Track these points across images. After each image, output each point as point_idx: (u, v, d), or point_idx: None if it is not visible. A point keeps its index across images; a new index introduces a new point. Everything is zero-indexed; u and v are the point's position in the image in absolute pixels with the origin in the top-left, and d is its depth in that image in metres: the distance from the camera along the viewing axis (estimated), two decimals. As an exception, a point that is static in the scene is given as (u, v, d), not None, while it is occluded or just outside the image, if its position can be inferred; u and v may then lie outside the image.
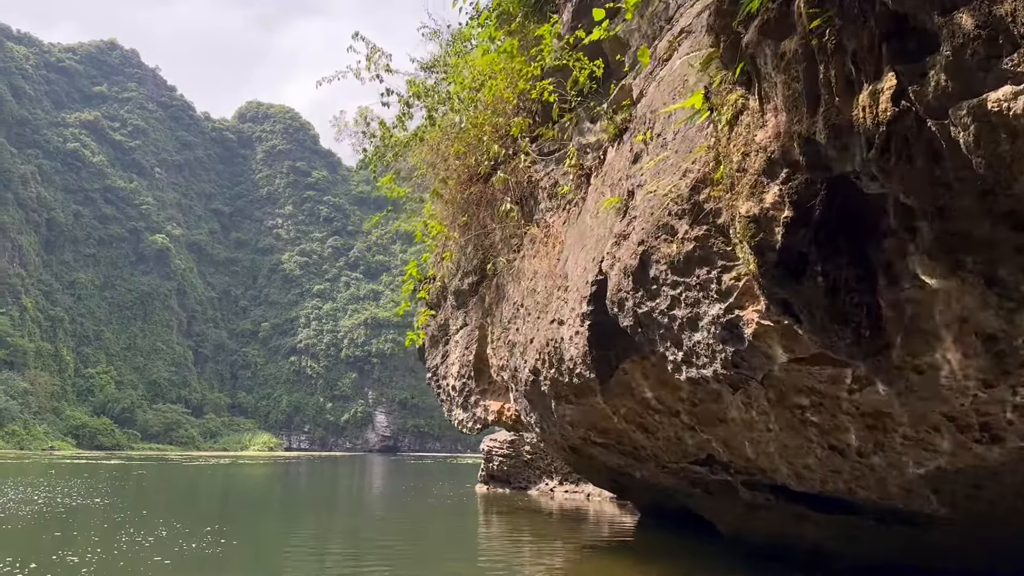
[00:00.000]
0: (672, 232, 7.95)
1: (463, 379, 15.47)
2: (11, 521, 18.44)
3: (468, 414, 15.44)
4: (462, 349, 15.40)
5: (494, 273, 14.26)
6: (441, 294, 16.49)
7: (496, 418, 14.99)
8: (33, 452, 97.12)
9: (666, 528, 19.38)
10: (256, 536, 17.12)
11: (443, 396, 16.69)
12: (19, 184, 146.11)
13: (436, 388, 17.14)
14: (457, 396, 15.71)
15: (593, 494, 28.43)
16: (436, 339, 17.00)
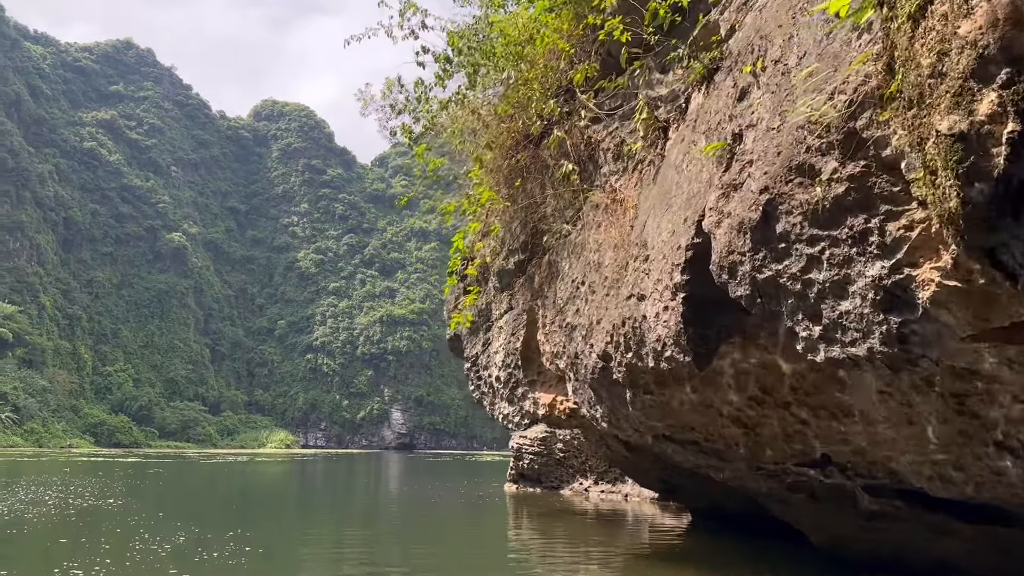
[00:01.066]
0: (812, 173, 6.26)
1: (508, 369, 13.85)
2: (17, 525, 16.94)
3: (514, 408, 13.81)
4: (507, 336, 13.78)
5: (545, 249, 12.61)
6: (482, 276, 14.87)
7: (547, 412, 13.35)
8: (51, 450, 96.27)
9: (722, 533, 17.69)
10: (281, 542, 15.56)
11: (484, 389, 15.07)
12: (37, 183, 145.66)
13: (476, 380, 15.51)
14: (502, 388, 14.09)
15: (632, 494, 26.75)
16: (476, 326, 15.38)
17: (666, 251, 8.43)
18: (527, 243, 13.07)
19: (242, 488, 36.68)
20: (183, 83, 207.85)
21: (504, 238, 13.50)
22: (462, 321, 13.10)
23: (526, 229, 13.00)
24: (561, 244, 12.08)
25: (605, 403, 10.34)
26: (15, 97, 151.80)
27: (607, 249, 10.23)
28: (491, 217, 13.34)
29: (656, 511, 24.62)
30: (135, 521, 18.17)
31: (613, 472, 27.22)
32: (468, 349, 15.88)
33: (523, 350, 13.38)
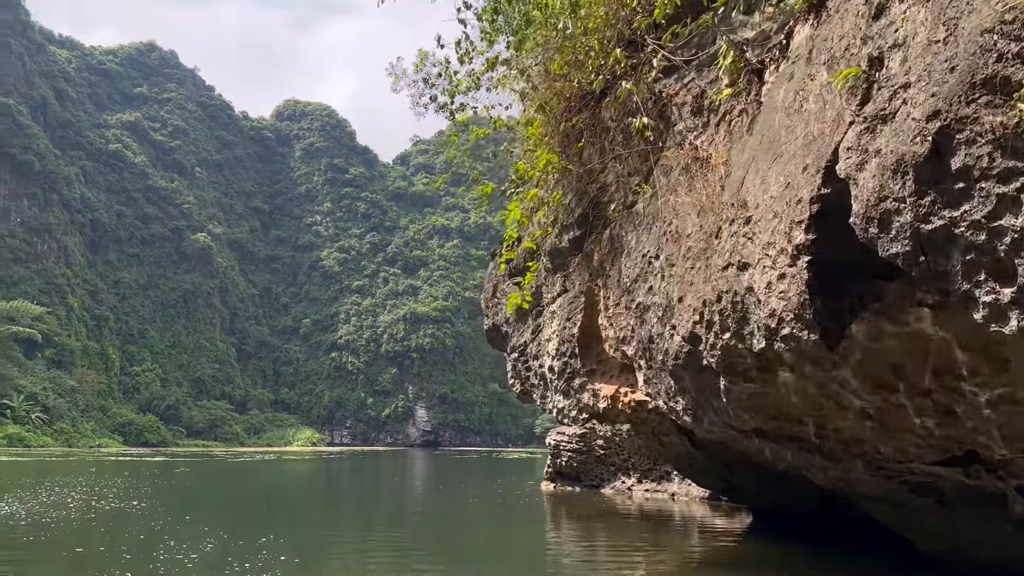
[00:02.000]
0: (1005, 88, 4.79)
1: (563, 358, 12.46)
2: (34, 531, 15.77)
3: (570, 401, 12.41)
4: (561, 321, 12.39)
5: (606, 222, 11.17)
6: (530, 258, 13.46)
7: (609, 406, 11.94)
8: (80, 449, 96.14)
9: (787, 536, 16.16)
10: (316, 549, 14.27)
11: (534, 380, 13.67)
12: (63, 185, 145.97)
13: (523, 371, 14.12)
14: (555, 380, 12.69)
15: (679, 493, 25.25)
16: (522, 312, 13.99)
17: (778, 208, 6.98)
18: (584, 217, 11.65)
19: (271, 488, 35.57)
20: (206, 84, 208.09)
21: (557, 213, 12.07)
22: (518, 302, 11.64)
23: (583, 201, 11.58)
24: (626, 215, 10.64)
25: (689, 394, 8.91)
26: (41, 101, 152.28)
27: (689, 215, 8.78)
28: (542, 190, 11.91)
29: (706, 511, 23.12)
30: (159, 526, 16.97)
31: (658, 470, 25.74)
32: (514, 338, 14.49)
33: (580, 336, 11.98)
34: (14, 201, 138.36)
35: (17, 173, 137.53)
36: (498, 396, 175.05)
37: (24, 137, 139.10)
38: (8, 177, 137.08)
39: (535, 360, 13.56)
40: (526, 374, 14.10)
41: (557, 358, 12.52)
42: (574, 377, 12.24)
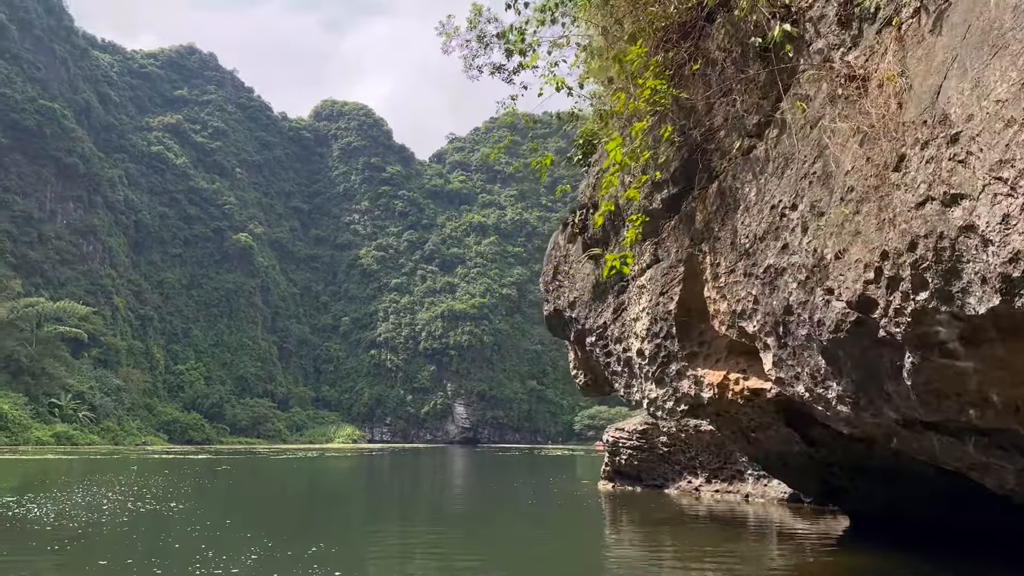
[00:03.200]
0: None
1: (656, 340, 10.54)
2: (57, 537, 14.20)
3: (665, 390, 10.48)
4: (653, 296, 10.45)
5: (714, 175, 9.18)
6: (610, 226, 11.53)
7: (715, 395, 9.97)
8: (126, 447, 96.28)
9: (894, 543, 14.04)
10: (372, 559, 12.51)
11: (616, 367, 11.73)
12: (107, 188, 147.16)
13: (601, 358, 12.18)
14: (646, 365, 10.76)
15: (754, 494, 23.10)
16: (600, 289, 12.06)
17: (1013, 113, 4.96)
18: (682, 171, 9.66)
19: (316, 486, 34.05)
20: (245, 86, 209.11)
21: (644, 169, 10.11)
22: (615, 263, 9.58)
23: (680, 152, 9.59)
24: (741, 163, 8.65)
25: (847, 377, 6.90)
26: (85, 105, 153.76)
27: (847, 147, 6.77)
28: (629, 143, 9.94)
29: (786, 514, 20.98)
30: (197, 532, 15.34)
31: (729, 469, 23.61)
32: (589, 319, 12.55)
33: (678, 313, 10.03)
34: (60, 204, 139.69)
35: (63, 176, 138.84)
36: (536, 393, 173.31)
37: (69, 140, 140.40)
38: (54, 180, 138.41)
39: (617, 344, 11.64)
40: (605, 360, 12.16)
41: (648, 340, 10.59)
42: (670, 362, 10.31)
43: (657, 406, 10.91)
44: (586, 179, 12.89)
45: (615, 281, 11.57)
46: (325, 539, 14.42)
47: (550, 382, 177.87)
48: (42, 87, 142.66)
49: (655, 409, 11.01)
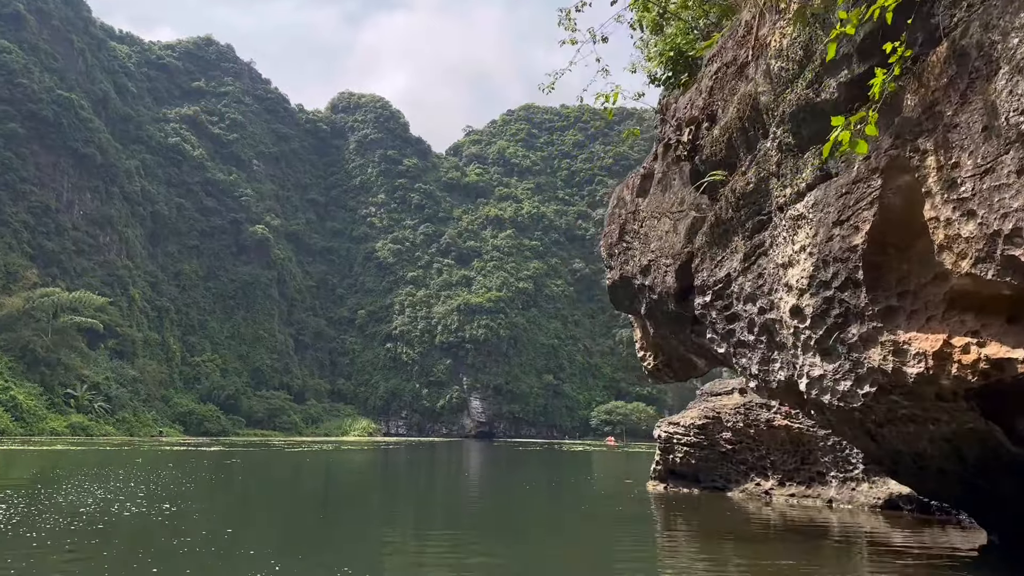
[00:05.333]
0: None
1: (826, 291, 7.20)
2: (14, 547, 10.94)
3: (839, 364, 7.15)
4: (822, 228, 7.11)
5: (935, 33, 5.72)
6: (739, 138, 8.18)
7: (928, 369, 6.60)
8: (141, 438, 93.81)
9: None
10: None
11: (743, 336, 8.37)
12: (124, 179, 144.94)
13: (721, 324, 8.83)
14: (805, 329, 7.44)
15: (839, 499, 19.60)
16: (720, 231, 8.70)
17: None
18: (872, 39, 6.22)
19: (332, 483, 30.83)
20: (262, 78, 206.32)
21: (796, 43, 6.68)
22: (847, 142, 6.29)
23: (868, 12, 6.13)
24: (1002, 2, 5.17)
25: None
26: (103, 95, 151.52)
27: None
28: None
29: (880, 524, 17.51)
30: (187, 544, 12.06)
31: (808, 470, 20.16)
32: (702, 273, 9.20)
33: (869, 250, 6.69)
34: (77, 194, 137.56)
35: (80, 167, 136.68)
36: (552, 387, 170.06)
37: (86, 131, 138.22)
38: (71, 171, 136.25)
39: (748, 303, 8.29)
40: (724, 328, 8.79)
41: (810, 293, 7.26)
42: (848, 323, 7.00)
43: (822, 388, 7.58)
44: (691, 90, 9.59)
45: (744, 218, 8.19)
46: (344, 554, 11.13)
47: (566, 376, 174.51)
48: (59, 78, 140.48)
49: (818, 392, 7.67)
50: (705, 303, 9.07)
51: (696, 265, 9.23)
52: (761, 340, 8.14)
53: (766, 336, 8.09)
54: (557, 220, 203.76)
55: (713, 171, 8.64)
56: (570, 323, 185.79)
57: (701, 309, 9.19)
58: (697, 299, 9.31)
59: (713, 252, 8.82)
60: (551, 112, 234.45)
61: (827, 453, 19.47)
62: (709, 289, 8.89)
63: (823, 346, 7.37)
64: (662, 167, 14.34)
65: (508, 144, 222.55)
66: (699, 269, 9.21)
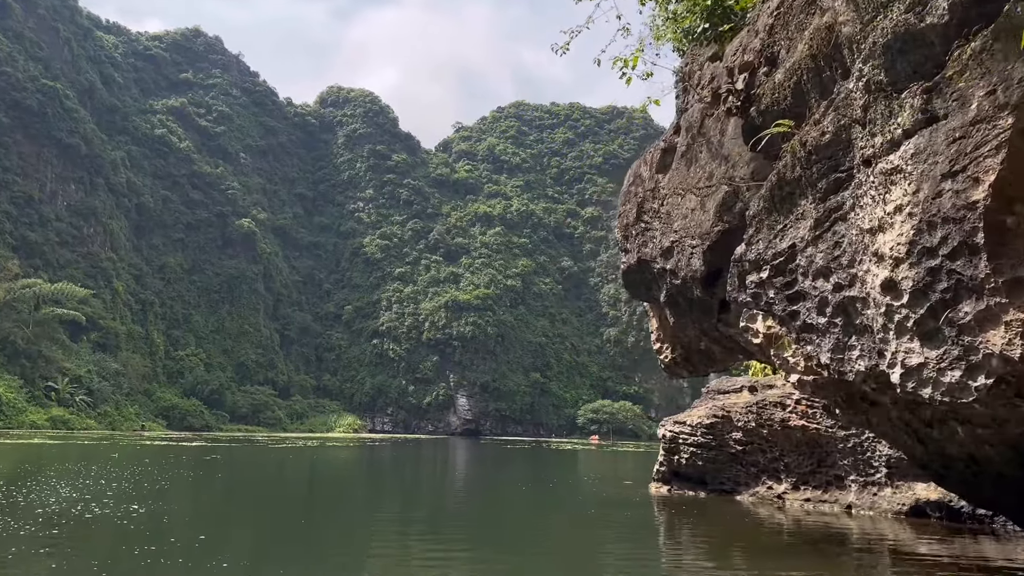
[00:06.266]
0: None
1: (931, 260, 5.80)
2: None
3: (944, 351, 5.76)
4: (927, 183, 5.69)
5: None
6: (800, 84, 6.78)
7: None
8: (123, 433, 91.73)
9: None
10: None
11: (810, 318, 6.97)
12: (110, 170, 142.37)
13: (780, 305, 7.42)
14: (902, 307, 6.04)
15: (859, 505, 18.28)
16: (782, 194, 7.29)
17: None
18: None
19: (316, 483, 29.27)
20: (250, 71, 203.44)
21: None
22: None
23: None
24: None
25: None
26: (88, 86, 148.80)
27: None
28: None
29: (907, 532, 16.18)
30: (151, 556, 10.51)
31: (825, 473, 18.83)
32: (756, 246, 7.79)
33: (992, 206, 5.29)
34: (61, 185, 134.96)
35: (64, 157, 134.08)
36: (539, 386, 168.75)
37: (71, 121, 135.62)
38: (55, 161, 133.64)
39: (819, 279, 6.89)
40: (786, 310, 7.37)
41: (912, 262, 5.88)
42: (961, 298, 5.64)
43: (921, 380, 6.19)
44: (743, 33, 8.20)
45: (821, 172, 6.76)
46: (323, 571, 9.66)
47: (553, 375, 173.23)
48: (44, 67, 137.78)
49: (916, 384, 6.27)
50: (759, 281, 7.65)
51: (750, 237, 7.81)
52: (835, 323, 6.77)
53: (842, 318, 6.71)
54: (546, 218, 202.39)
55: (777, 122, 7.22)
56: (558, 321, 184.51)
57: (744, 297, 7.75)
58: (750, 278, 7.86)
59: (772, 220, 7.41)
60: (541, 110, 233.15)
61: (847, 455, 18.15)
62: (766, 264, 7.48)
63: (925, 328, 5.98)
64: (686, 139, 12.95)
65: (498, 141, 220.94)
66: (753, 241, 7.79)
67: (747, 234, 7.88)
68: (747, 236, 7.89)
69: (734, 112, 8.68)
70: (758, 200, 7.61)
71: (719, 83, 8.68)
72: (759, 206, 7.60)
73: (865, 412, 11.29)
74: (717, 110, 12.27)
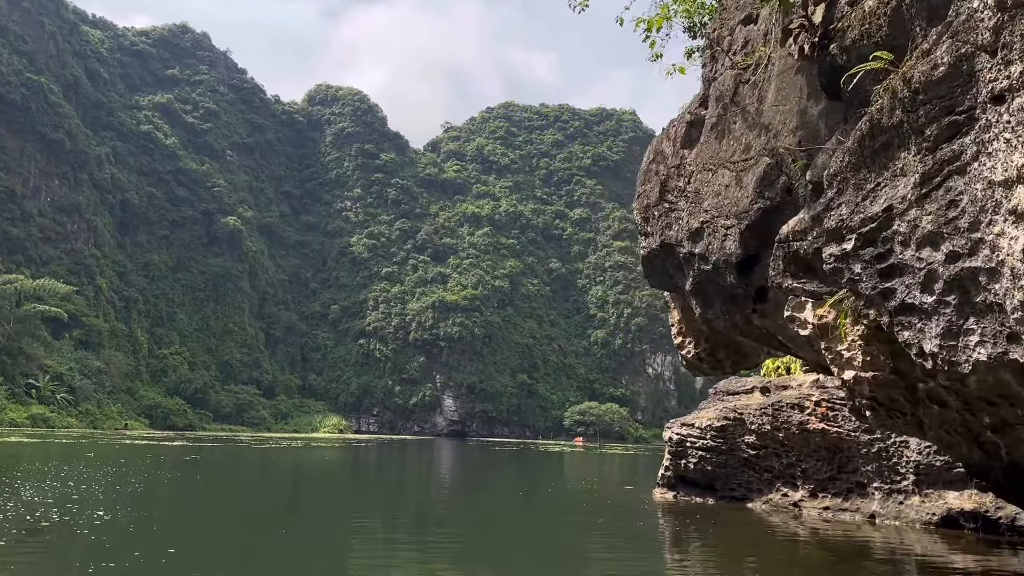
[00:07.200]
0: None
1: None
2: None
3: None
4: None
5: None
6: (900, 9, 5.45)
7: None
8: (104, 431, 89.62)
9: None
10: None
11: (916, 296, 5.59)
12: (94, 166, 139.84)
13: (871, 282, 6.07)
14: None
15: (883, 514, 16.97)
16: (873, 147, 5.94)
17: None
18: None
19: (300, 485, 27.75)
20: (238, 67, 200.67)
21: None
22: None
23: None
24: None
25: None
26: (73, 80, 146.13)
27: None
28: None
29: (935, 544, 14.92)
30: (108, 574, 9.03)
31: (845, 480, 17.54)
32: (837, 211, 6.42)
33: None
34: (44, 180, 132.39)
35: (48, 152, 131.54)
36: (526, 387, 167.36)
37: (55, 116, 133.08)
38: (39, 156, 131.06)
39: (925, 248, 5.54)
40: (879, 288, 5.96)
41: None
42: None
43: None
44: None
45: (931, 115, 5.41)
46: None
47: (540, 376, 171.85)
48: (29, 61, 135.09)
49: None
50: (840, 255, 6.28)
51: (829, 200, 6.43)
52: (946, 302, 5.44)
53: (956, 295, 5.39)
54: (534, 219, 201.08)
55: (875, 54, 5.84)
56: (545, 323, 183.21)
57: (833, 263, 6.40)
58: (828, 249, 6.46)
59: (861, 179, 6.05)
60: (530, 111, 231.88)
61: (870, 461, 16.86)
62: (852, 233, 6.13)
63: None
64: (716, 110, 11.62)
65: (487, 141, 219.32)
66: (832, 206, 6.42)
67: (823, 198, 6.51)
68: (823, 200, 6.51)
69: (807, 54, 7.35)
70: (841, 155, 6.25)
71: (792, 18, 7.32)
72: (842, 161, 6.24)
73: (920, 414, 9.97)
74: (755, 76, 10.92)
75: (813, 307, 9.07)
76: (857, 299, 6.59)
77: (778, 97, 10.22)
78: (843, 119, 8.93)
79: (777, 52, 10.58)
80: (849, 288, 6.53)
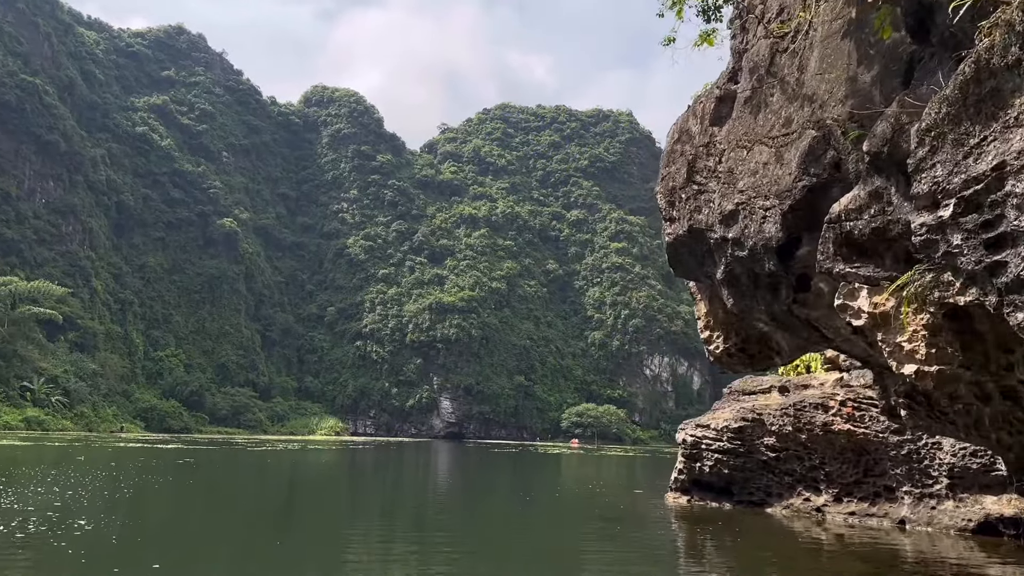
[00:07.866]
0: None
1: None
2: None
3: None
4: None
5: None
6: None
7: None
8: (99, 434, 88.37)
9: None
10: None
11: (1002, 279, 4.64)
12: (89, 167, 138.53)
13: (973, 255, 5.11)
14: None
15: (913, 520, 15.97)
16: (978, 94, 5.00)
17: None
18: None
19: (296, 490, 26.68)
20: (234, 69, 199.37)
21: None
22: None
23: None
24: None
25: None
26: (68, 82, 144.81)
27: None
28: None
29: (972, 552, 13.95)
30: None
31: (872, 484, 16.55)
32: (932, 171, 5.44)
33: None
34: (39, 182, 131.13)
35: (43, 153, 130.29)
36: (523, 389, 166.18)
37: (50, 117, 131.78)
38: (34, 158, 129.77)
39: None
40: (980, 262, 5.03)
41: None
42: None
43: None
44: None
45: (999, 84, 4.46)
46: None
47: (538, 378, 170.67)
48: (24, 62, 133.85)
49: None
50: (935, 224, 5.28)
51: (920, 160, 5.43)
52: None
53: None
54: (531, 220, 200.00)
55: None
56: (543, 324, 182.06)
57: (925, 234, 5.39)
58: (918, 218, 5.45)
59: (962, 133, 5.07)
60: (527, 112, 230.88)
61: (899, 464, 15.88)
62: (950, 197, 5.14)
63: None
64: (750, 82, 10.64)
65: (483, 143, 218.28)
66: (923, 167, 5.43)
67: (912, 158, 5.51)
68: (912, 161, 5.51)
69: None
70: (937, 105, 5.24)
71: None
72: (938, 113, 5.24)
73: (983, 413, 9.02)
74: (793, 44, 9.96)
75: (869, 294, 8.09)
76: (956, 275, 5.59)
77: (822, 65, 9.24)
78: (903, 83, 7.95)
79: (820, 16, 9.61)
80: (946, 263, 5.53)
